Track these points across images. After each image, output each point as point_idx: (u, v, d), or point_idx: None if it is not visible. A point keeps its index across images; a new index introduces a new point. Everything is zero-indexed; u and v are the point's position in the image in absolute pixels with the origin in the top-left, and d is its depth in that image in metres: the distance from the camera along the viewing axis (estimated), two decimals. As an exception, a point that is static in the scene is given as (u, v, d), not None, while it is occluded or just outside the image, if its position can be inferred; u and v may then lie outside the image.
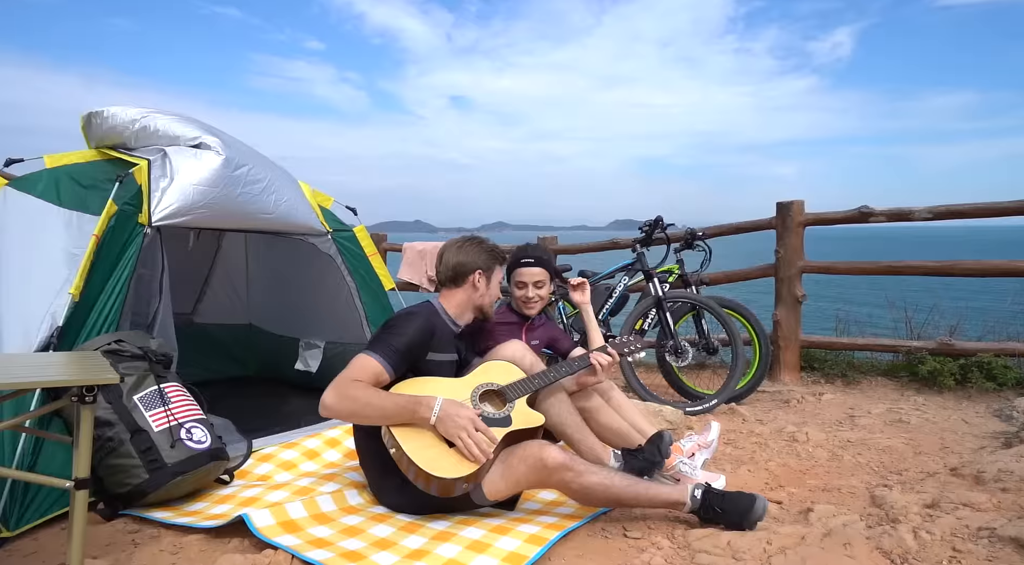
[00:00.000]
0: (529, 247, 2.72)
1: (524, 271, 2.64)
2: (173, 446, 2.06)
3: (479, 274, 2.28)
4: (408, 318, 2.10)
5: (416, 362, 2.07)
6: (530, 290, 2.63)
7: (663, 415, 3.05)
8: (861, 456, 2.96)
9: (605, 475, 1.98)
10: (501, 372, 2.16)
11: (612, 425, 2.39)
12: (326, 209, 3.46)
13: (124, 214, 2.48)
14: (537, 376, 2.17)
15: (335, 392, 1.90)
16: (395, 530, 1.90)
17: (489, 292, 2.31)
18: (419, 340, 2.06)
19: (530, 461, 1.94)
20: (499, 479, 1.98)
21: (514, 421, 2.03)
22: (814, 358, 4.99)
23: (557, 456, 1.92)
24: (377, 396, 1.91)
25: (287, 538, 1.76)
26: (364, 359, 1.96)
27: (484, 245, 2.33)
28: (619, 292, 4.24)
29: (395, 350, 1.99)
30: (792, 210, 4.88)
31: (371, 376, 1.94)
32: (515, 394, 2.10)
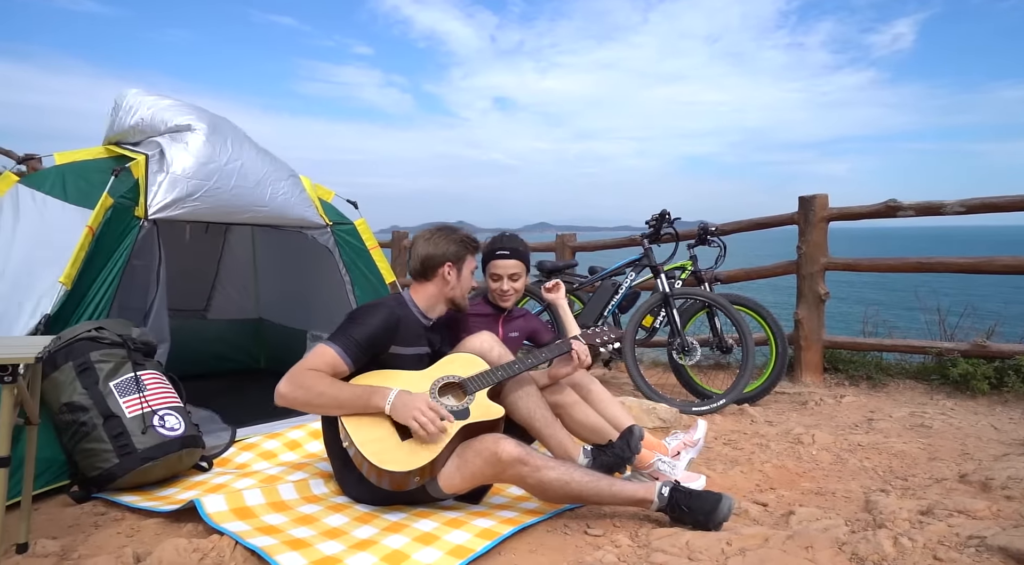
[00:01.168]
0: (504, 238, 2.63)
1: (499, 263, 2.57)
2: (145, 432, 2.09)
3: (449, 266, 2.22)
4: (372, 310, 2.08)
5: (378, 355, 2.04)
6: (505, 283, 2.57)
7: (656, 413, 2.95)
8: (868, 460, 2.80)
9: (564, 471, 1.91)
10: (464, 364, 2.11)
11: (586, 421, 2.32)
12: (327, 202, 3.48)
13: (120, 207, 2.55)
14: (500, 368, 2.11)
15: (289, 381, 1.89)
16: (349, 520, 1.88)
17: (460, 284, 2.25)
18: (381, 332, 2.03)
19: (485, 454, 1.89)
20: (455, 472, 1.94)
21: (472, 414, 1.98)
22: (838, 359, 4.76)
23: (512, 450, 1.87)
24: (331, 386, 1.89)
25: (236, 524, 1.76)
26: (322, 349, 1.95)
27: (455, 235, 2.28)
28: (625, 288, 4.14)
29: (355, 342, 1.97)
30: (815, 204, 4.68)
31: (328, 366, 1.92)
32: (475, 386, 2.05)
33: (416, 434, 1.87)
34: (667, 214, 4.08)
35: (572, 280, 4.35)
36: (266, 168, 3.05)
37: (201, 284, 4.08)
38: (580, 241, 6.41)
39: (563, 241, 6.32)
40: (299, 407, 1.90)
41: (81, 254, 2.35)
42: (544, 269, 4.36)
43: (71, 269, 2.31)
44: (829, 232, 4.73)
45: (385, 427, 1.91)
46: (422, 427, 1.86)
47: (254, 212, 2.97)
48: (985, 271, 4.21)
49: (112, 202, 2.50)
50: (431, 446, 1.88)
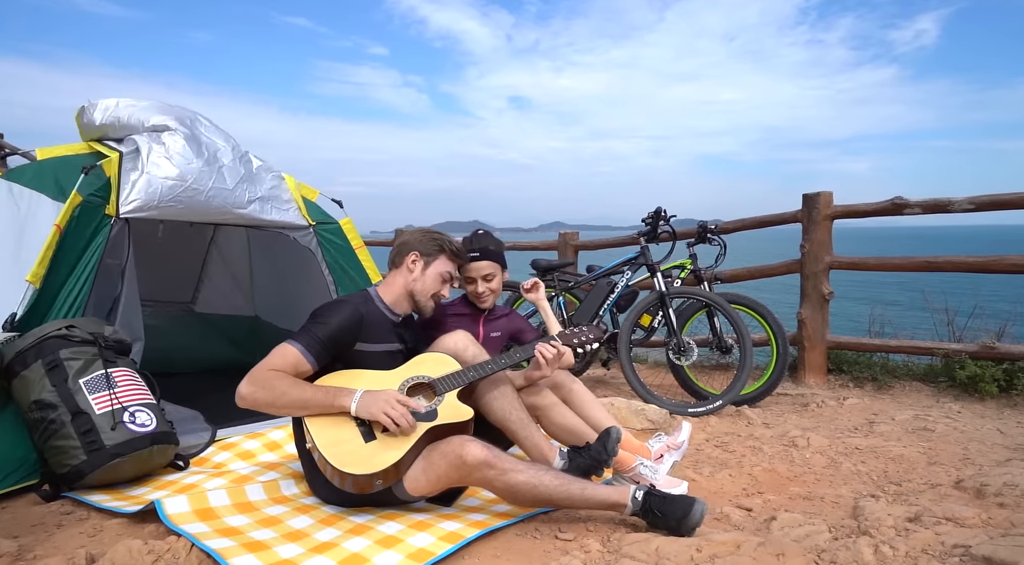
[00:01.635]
0: (476, 238, 2.56)
1: (470, 267, 2.49)
2: (114, 428, 2.07)
3: (415, 256, 2.19)
4: (334, 307, 2.04)
5: (343, 352, 2.00)
6: (479, 285, 2.50)
7: (645, 414, 2.88)
8: (864, 464, 2.71)
9: (532, 474, 1.84)
10: (434, 364, 2.06)
11: (564, 423, 2.26)
12: (311, 202, 3.45)
13: (90, 205, 2.53)
14: (471, 368, 2.05)
15: (250, 381, 1.84)
16: (314, 522, 1.84)
17: (424, 278, 2.20)
18: (344, 330, 1.99)
19: (450, 457, 1.84)
20: (420, 475, 1.88)
21: (440, 415, 1.93)
22: (843, 360, 4.65)
23: (478, 453, 1.81)
24: (294, 386, 1.85)
25: (196, 526, 1.72)
26: (285, 348, 1.91)
27: (432, 234, 2.25)
28: (621, 287, 4.07)
29: (318, 340, 1.93)
30: (819, 202, 4.57)
31: (290, 366, 1.88)
32: (445, 387, 1.99)
33: (387, 430, 1.83)
34: (662, 211, 4.00)
35: (568, 279, 4.28)
36: (246, 169, 3.03)
37: (187, 277, 4.07)
38: (583, 240, 6.34)
39: (566, 239, 6.25)
40: (261, 408, 1.85)
41: (49, 253, 2.33)
42: (539, 267, 4.30)
43: (39, 268, 2.29)
44: (836, 231, 4.62)
45: (349, 428, 1.86)
46: (394, 421, 1.81)
47: (232, 214, 2.94)
48: (994, 270, 4.08)
49: (81, 200, 2.48)
50: (396, 448, 1.83)
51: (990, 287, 5.52)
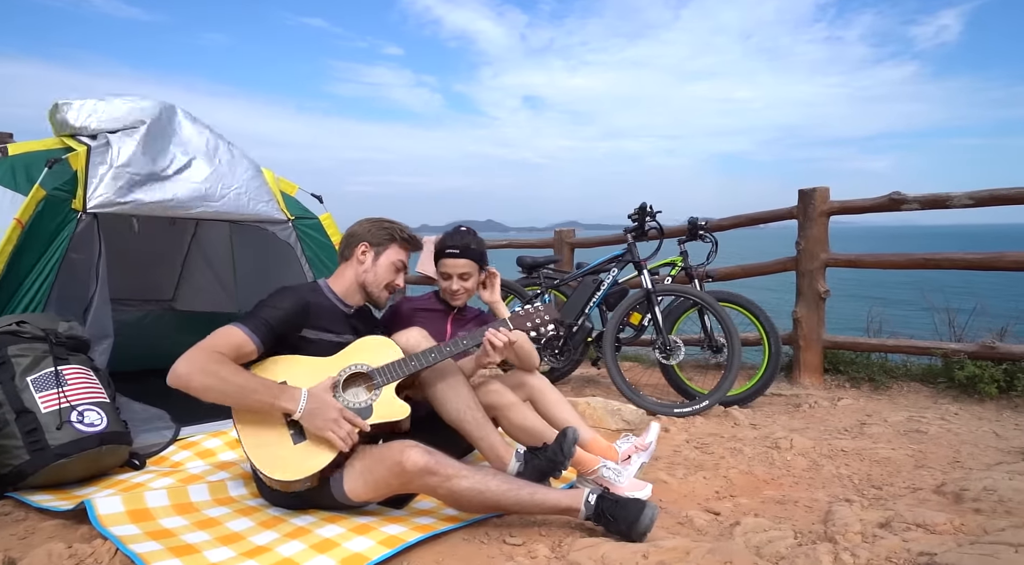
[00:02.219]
0: (457, 235, 2.48)
1: (447, 262, 2.42)
2: (60, 428, 2.02)
3: (364, 247, 2.11)
4: (282, 293, 1.97)
5: (288, 337, 1.93)
6: (454, 282, 2.42)
7: (621, 415, 2.79)
8: (847, 467, 2.60)
9: (478, 479, 1.76)
10: (375, 351, 1.96)
11: (524, 424, 2.17)
12: (290, 197, 3.41)
13: (55, 199, 2.49)
14: (413, 357, 1.95)
15: (190, 362, 1.71)
16: (254, 525, 1.77)
17: (375, 270, 2.12)
18: (291, 315, 1.92)
19: (388, 463, 1.75)
20: (359, 479, 1.80)
21: (375, 412, 1.85)
22: (840, 360, 4.53)
23: (417, 460, 1.72)
24: (239, 374, 1.76)
25: (126, 528, 1.66)
26: (230, 329, 1.82)
27: (382, 223, 2.16)
28: (607, 285, 3.98)
29: (265, 323, 1.85)
30: (815, 197, 4.45)
31: (234, 348, 1.79)
32: (384, 379, 1.91)
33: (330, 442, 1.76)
34: (647, 207, 3.91)
35: (554, 276, 4.20)
36: (222, 163, 2.99)
37: (168, 274, 4.04)
38: (579, 237, 6.25)
39: (561, 237, 6.16)
40: (194, 392, 1.73)
41: (8, 247, 2.30)
42: (524, 265, 4.22)
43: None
44: (838, 229, 4.51)
45: (278, 428, 1.79)
46: (341, 441, 1.75)
47: (204, 207, 2.90)
48: (994, 268, 3.95)
49: (44, 194, 2.44)
50: (324, 453, 1.76)
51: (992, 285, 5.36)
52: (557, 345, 3.97)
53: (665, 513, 2.08)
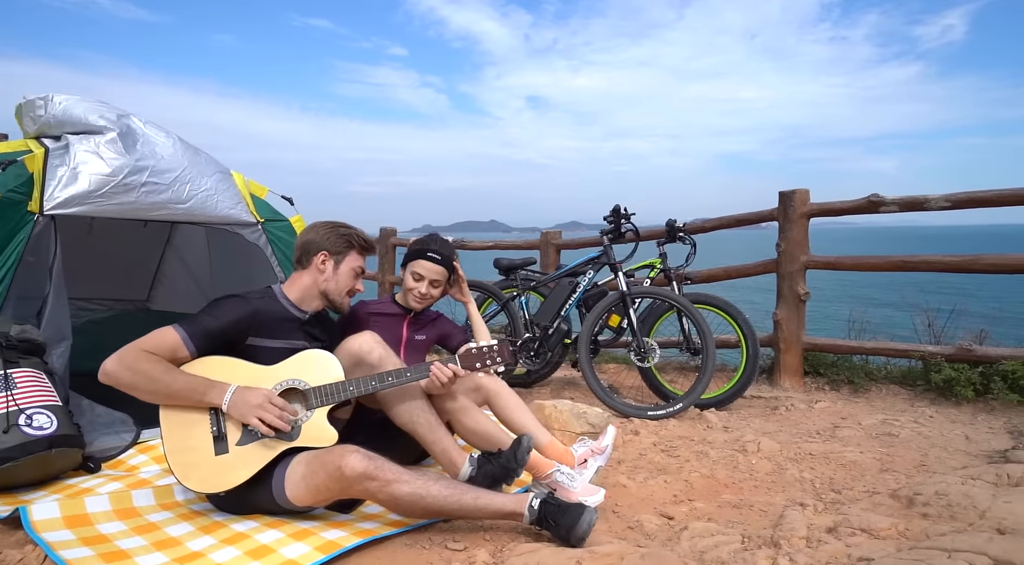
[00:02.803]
0: (438, 241, 2.48)
1: (426, 264, 2.41)
2: (7, 431, 2.00)
3: (324, 256, 2.09)
4: (228, 301, 1.96)
5: (232, 345, 1.92)
6: (424, 286, 2.41)
7: (587, 418, 2.77)
8: (811, 471, 2.59)
9: (419, 485, 1.74)
10: (317, 368, 1.93)
11: (477, 428, 2.15)
12: (259, 199, 3.39)
13: (9, 201, 2.47)
14: (351, 382, 1.92)
15: (119, 359, 1.73)
16: (193, 530, 1.76)
17: (336, 278, 2.11)
18: (231, 325, 1.91)
19: (329, 468, 1.73)
20: (301, 483, 1.78)
21: (302, 436, 1.82)
22: (821, 362, 4.51)
23: (356, 465, 1.70)
24: (166, 372, 1.75)
25: (59, 534, 1.65)
26: (166, 331, 1.82)
27: (338, 228, 2.13)
28: (583, 287, 3.97)
29: (204, 330, 1.85)
30: (795, 200, 4.44)
31: (168, 350, 1.79)
32: (318, 401, 1.87)
33: (241, 443, 1.75)
34: (620, 209, 3.89)
35: (530, 277, 4.19)
36: (186, 165, 2.96)
37: (142, 275, 4.03)
38: (565, 239, 6.24)
39: (547, 239, 6.15)
40: (124, 389, 1.74)
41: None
42: (500, 267, 4.21)
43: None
44: (830, 230, 4.50)
45: (202, 434, 1.77)
46: (269, 426, 1.73)
47: (169, 210, 2.88)
48: (972, 270, 3.93)
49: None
50: (245, 468, 1.74)
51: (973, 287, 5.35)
52: (532, 347, 3.95)
53: (618, 518, 2.07)
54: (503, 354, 2.06)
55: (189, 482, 1.75)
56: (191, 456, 1.75)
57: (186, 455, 1.75)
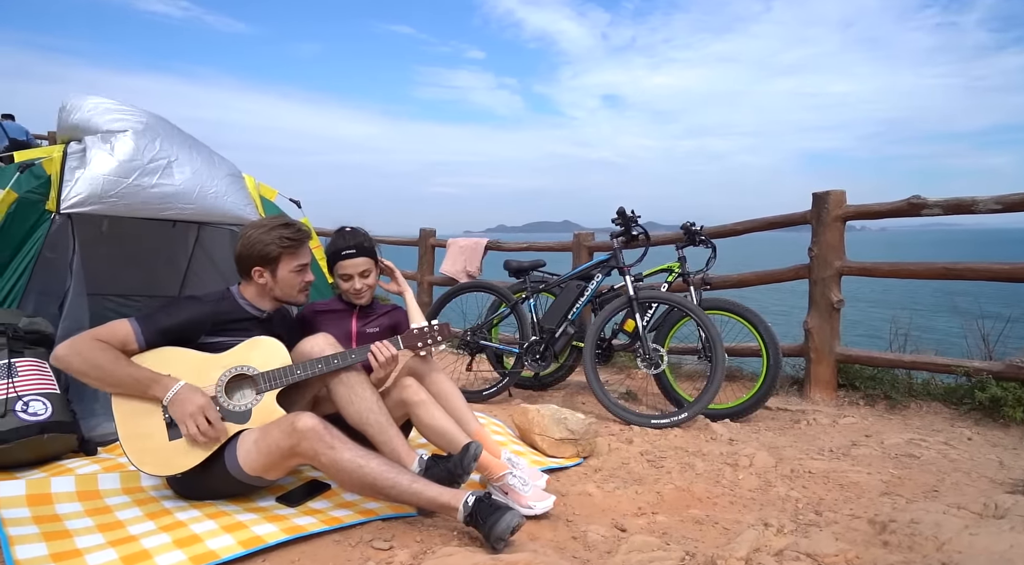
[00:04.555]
0: (347, 235, 2.46)
1: (346, 264, 2.42)
2: (3, 416, 2.18)
3: (259, 271, 2.11)
4: (184, 302, 2.05)
5: (187, 342, 1.99)
6: (357, 282, 2.42)
7: (566, 423, 2.71)
8: (802, 490, 2.43)
9: (361, 454, 1.80)
10: (264, 354, 1.99)
11: (434, 424, 2.14)
12: (269, 201, 3.53)
13: (27, 201, 2.69)
14: (298, 366, 1.98)
15: (70, 345, 1.82)
16: (140, 514, 1.84)
17: (279, 285, 2.14)
18: (188, 325, 1.98)
19: (282, 424, 1.82)
20: (253, 447, 1.85)
21: (253, 418, 1.88)
22: (857, 375, 4.23)
23: (308, 420, 1.78)
24: (113, 361, 1.83)
25: (17, 511, 1.76)
26: (119, 323, 1.91)
27: (271, 234, 2.09)
28: (591, 290, 3.89)
29: (157, 327, 1.93)
30: (829, 201, 4.18)
31: (118, 342, 1.87)
32: (267, 385, 1.93)
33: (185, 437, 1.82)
34: (626, 211, 3.79)
35: (540, 279, 4.15)
36: (198, 166, 3.13)
37: (173, 272, 4.27)
38: (598, 241, 6.14)
39: (580, 241, 6.07)
40: (74, 374, 1.84)
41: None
42: (510, 268, 4.19)
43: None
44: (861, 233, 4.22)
45: (155, 421, 1.85)
46: (192, 437, 1.82)
47: (179, 209, 3.04)
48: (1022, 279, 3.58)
49: (16, 197, 2.64)
50: (198, 451, 1.81)
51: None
52: (538, 350, 3.91)
53: (568, 526, 2.01)
54: (444, 333, 2.12)
55: (145, 467, 1.84)
56: (146, 442, 1.84)
57: (141, 442, 1.85)
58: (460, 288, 4.44)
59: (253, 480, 1.92)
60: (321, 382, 2.09)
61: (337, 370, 2.04)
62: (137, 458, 1.82)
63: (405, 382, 2.22)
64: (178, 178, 3.04)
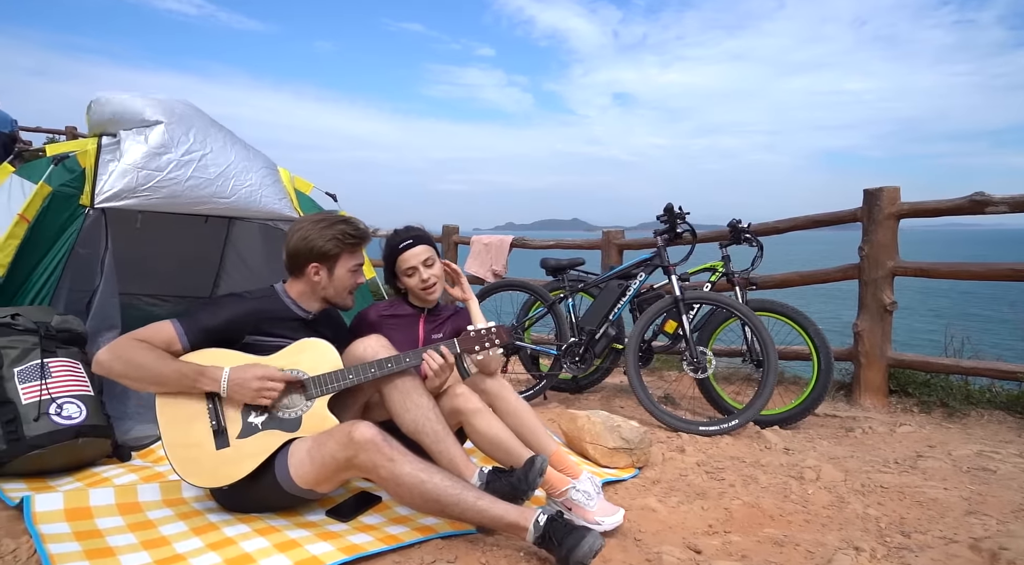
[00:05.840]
0: (399, 231, 2.34)
1: (407, 256, 2.27)
2: (37, 419, 2.07)
3: (316, 266, 1.99)
4: (229, 299, 1.94)
5: (232, 343, 1.88)
6: (423, 272, 2.27)
7: (620, 432, 2.56)
8: (879, 507, 2.26)
9: (423, 468, 1.67)
10: (314, 357, 1.87)
11: (491, 434, 2.00)
12: (304, 195, 3.42)
13: (61, 195, 2.59)
14: (350, 370, 1.85)
15: (111, 349, 1.74)
16: (186, 530, 1.72)
17: (333, 284, 2.02)
18: (228, 324, 1.87)
19: (338, 435, 1.70)
20: (306, 458, 1.73)
21: (303, 426, 1.76)
22: (909, 381, 4.04)
23: (366, 431, 1.66)
24: (157, 359, 1.73)
25: (56, 526, 1.66)
26: (162, 324, 1.82)
27: (332, 229, 1.98)
28: (634, 289, 3.73)
29: (200, 326, 1.82)
30: (882, 198, 3.99)
31: (162, 342, 1.78)
32: (318, 390, 1.81)
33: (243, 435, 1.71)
34: (674, 208, 3.63)
35: (579, 278, 4.00)
36: (233, 159, 3.02)
37: (205, 272, 4.17)
38: (628, 239, 5.97)
39: (609, 239, 5.91)
40: (116, 379, 1.75)
41: (12, 242, 2.40)
42: (548, 267, 4.04)
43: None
44: (908, 232, 4.02)
45: (201, 427, 1.73)
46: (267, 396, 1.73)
47: (214, 203, 2.93)
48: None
49: (50, 190, 2.54)
50: (247, 461, 1.69)
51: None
52: (578, 352, 3.76)
53: (638, 547, 1.87)
54: (501, 336, 1.99)
55: (191, 478, 1.73)
56: (192, 451, 1.73)
57: (186, 450, 1.74)
58: (493, 287, 4.30)
59: (304, 493, 1.80)
60: (373, 387, 1.97)
61: (391, 375, 1.91)
62: (183, 468, 1.70)
63: (457, 390, 2.08)
64: (213, 171, 2.93)
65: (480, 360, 2.10)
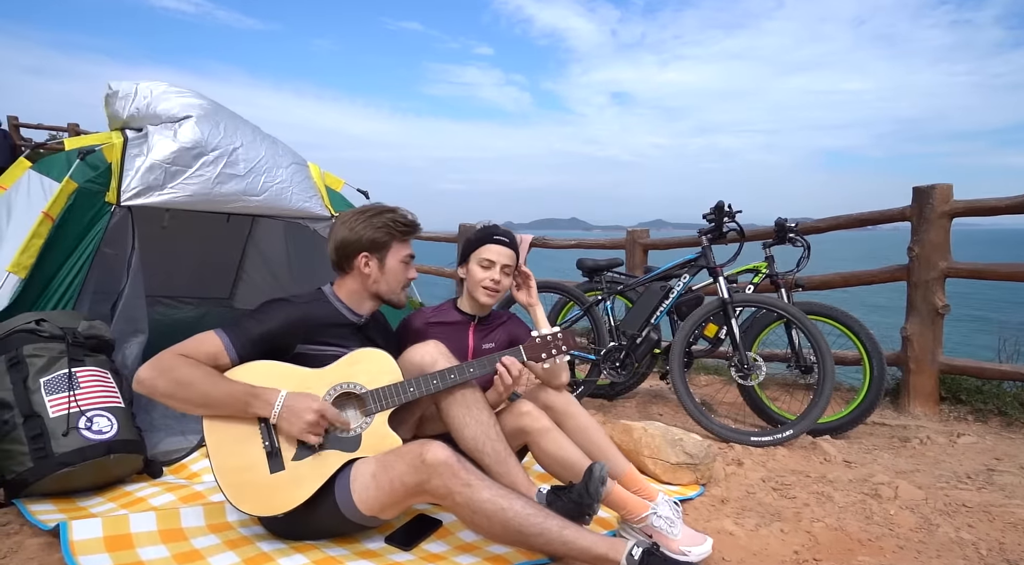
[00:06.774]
0: (500, 228, 2.21)
1: (495, 248, 2.12)
2: (66, 434, 1.91)
3: (366, 257, 1.86)
4: (277, 305, 1.77)
5: (280, 354, 1.72)
6: (496, 272, 2.11)
7: (683, 445, 2.39)
8: (971, 530, 2.10)
9: (502, 494, 1.52)
10: (372, 368, 1.71)
11: (560, 455, 1.84)
12: (335, 192, 3.25)
13: (87, 192, 2.43)
14: (411, 382, 1.70)
15: (153, 365, 1.57)
16: (238, 561, 1.57)
17: (385, 277, 1.88)
18: (278, 332, 1.71)
19: (407, 457, 1.54)
20: (371, 482, 1.57)
21: (363, 445, 1.60)
22: (962, 388, 3.88)
23: (440, 453, 1.51)
24: (205, 377, 1.57)
25: (97, 558, 1.50)
26: (207, 335, 1.65)
27: (379, 218, 1.87)
28: (676, 292, 3.56)
29: (248, 336, 1.67)
30: (934, 196, 3.82)
31: (208, 356, 1.62)
32: (377, 405, 1.66)
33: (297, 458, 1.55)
34: (725, 206, 3.45)
35: (617, 280, 3.83)
36: (263, 156, 2.86)
37: (225, 273, 4.01)
38: (654, 238, 5.80)
39: (634, 238, 5.74)
40: (159, 399, 1.58)
41: (37, 241, 2.24)
42: (584, 268, 3.88)
43: (21, 257, 2.20)
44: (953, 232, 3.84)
45: (254, 449, 1.57)
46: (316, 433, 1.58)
47: (244, 201, 2.77)
48: None
49: (76, 187, 2.38)
50: (304, 486, 1.54)
51: None
52: (619, 357, 3.60)
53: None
54: (569, 341, 1.87)
55: (244, 505, 1.57)
56: (244, 475, 1.58)
57: (239, 475, 1.58)
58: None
59: (367, 520, 1.64)
60: (430, 400, 1.81)
61: (451, 387, 1.75)
62: (234, 495, 1.54)
63: (523, 407, 1.92)
64: (243, 167, 2.78)
65: (547, 370, 1.94)
